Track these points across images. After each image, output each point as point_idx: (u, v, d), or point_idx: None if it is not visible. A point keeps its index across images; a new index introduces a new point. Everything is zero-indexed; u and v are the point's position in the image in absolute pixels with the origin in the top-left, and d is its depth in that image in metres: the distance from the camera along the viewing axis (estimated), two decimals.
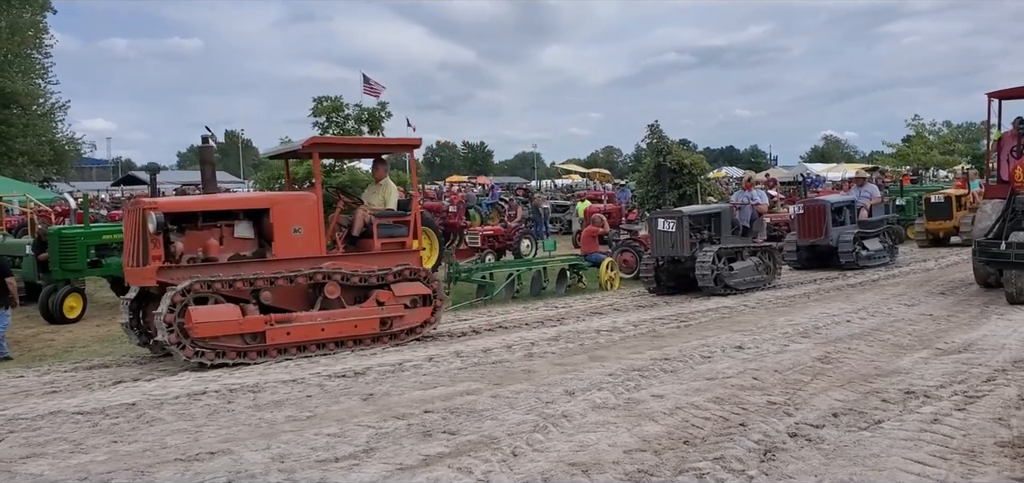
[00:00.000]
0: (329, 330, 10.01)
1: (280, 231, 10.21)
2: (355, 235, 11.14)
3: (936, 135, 50.84)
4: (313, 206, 10.48)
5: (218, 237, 10.18)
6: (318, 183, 10.89)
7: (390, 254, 10.98)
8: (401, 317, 10.58)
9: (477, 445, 6.00)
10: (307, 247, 10.32)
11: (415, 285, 10.80)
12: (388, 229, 11.22)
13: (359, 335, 10.24)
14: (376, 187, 11.93)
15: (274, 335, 9.66)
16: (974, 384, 7.23)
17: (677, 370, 8.28)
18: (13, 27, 36.00)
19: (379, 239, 11.00)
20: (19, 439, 6.73)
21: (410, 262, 10.97)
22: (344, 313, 10.18)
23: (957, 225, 21.42)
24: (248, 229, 10.39)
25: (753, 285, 14.65)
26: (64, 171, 43.10)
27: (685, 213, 14.68)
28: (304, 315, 9.95)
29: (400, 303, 10.54)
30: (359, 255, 10.87)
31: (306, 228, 10.34)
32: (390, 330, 10.50)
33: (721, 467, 5.30)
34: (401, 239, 11.25)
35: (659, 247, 14.72)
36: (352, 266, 10.47)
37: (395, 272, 10.67)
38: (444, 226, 23.99)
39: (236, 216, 10.41)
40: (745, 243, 15.31)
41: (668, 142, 25.39)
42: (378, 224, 11.05)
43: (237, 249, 10.25)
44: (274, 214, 10.26)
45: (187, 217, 10.16)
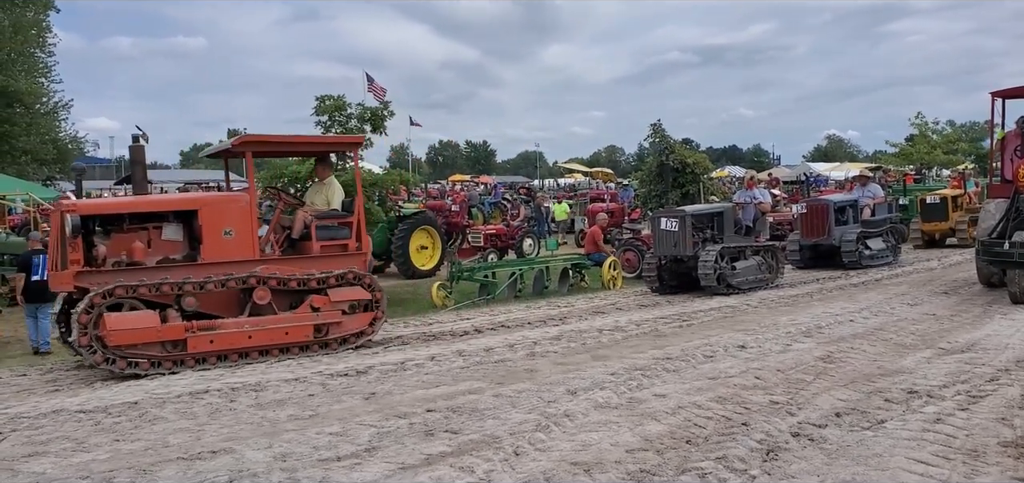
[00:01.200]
0: (257, 337, 9.56)
1: (210, 233, 9.80)
2: (295, 237, 10.66)
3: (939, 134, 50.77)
4: (245, 207, 10.06)
5: (145, 240, 9.80)
6: (251, 183, 10.39)
7: (331, 257, 10.50)
8: (338, 324, 10.11)
9: (479, 444, 6.00)
10: (239, 250, 9.89)
11: (354, 290, 10.31)
12: (329, 231, 10.70)
13: (289, 343, 9.77)
14: (319, 186, 11.52)
15: (196, 343, 9.23)
16: (977, 384, 7.22)
17: (679, 369, 8.28)
18: (16, 25, 35.98)
19: (318, 241, 10.51)
20: (21, 437, 6.74)
21: (353, 265, 10.50)
22: (274, 320, 9.75)
23: (953, 226, 21.34)
24: (177, 232, 10.01)
25: (756, 284, 14.62)
26: (67, 170, 43.09)
27: (688, 212, 14.66)
28: (230, 322, 9.54)
29: (337, 309, 10.09)
30: (298, 258, 10.43)
31: (238, 230, 9.92)
32: (325, 337, 10.02)
33: (723, 467, 5.29)
34: (343, 241, 10.72)
35: (662, 246, 14.69)
36: (288, 270, 10.05)
37: (334, 276, 10.20)
38: (447, 225, 23.99)
39: (165, 218, 10.04)
40: (748, 242, 15.29)
41: (671, 141, 25.37)
42: (318, 226, 10.57)
43: (166, 252, 9.89)
44: (203, 216, 9.86)
45: (112, 219, 9.79)
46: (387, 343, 10.59)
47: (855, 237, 17.19)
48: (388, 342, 10.67)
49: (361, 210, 10.92)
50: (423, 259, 20.02)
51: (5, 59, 35.98)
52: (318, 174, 11.74)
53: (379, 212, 15.35)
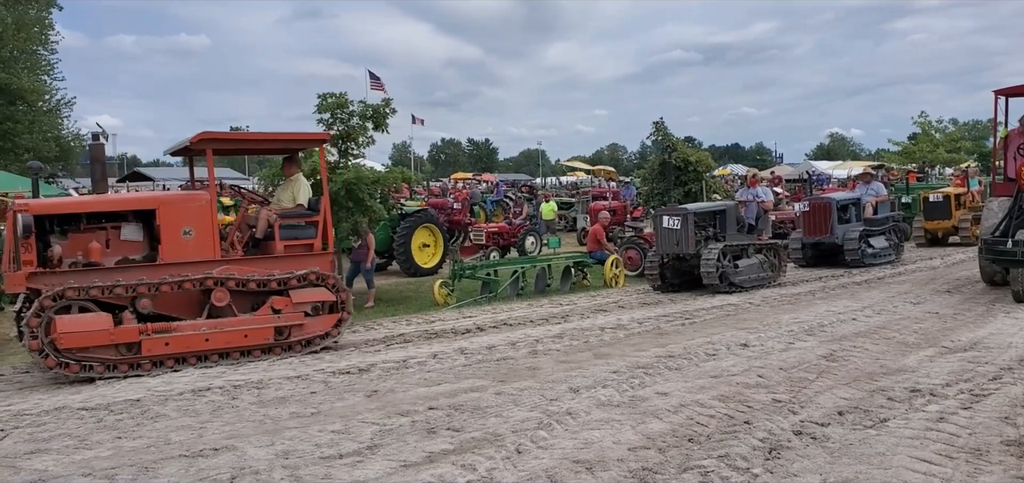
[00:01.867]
0: (214, 340, 9.30)
1: (168, 233, 9.58)
2: (259, 237, 10.45)
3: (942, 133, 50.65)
4: (205, 206, 9.82)
5: (103, 240, 9.59)
6: (212, 181, 10.17)
7: (295, 257, 10.25)
8: (300, 326, 9.86)
9: (481, 442, 5.99)
10: (199, 250, 9.68)
11: (317, 291, 10.03)
12: (293, 230, 10.48)
13: (248, 346, 9.52)
14: (286, 184, 11.32)
15: (151, 346, 8.97)
16: (980, 383, 7.21)
17: (682, 368, 8.27)
18: (19, 23, 36.02)
19: (282, 241, 10.27)
20: (24, 435, 6.74)
21: (318, 266, 10.26)
22: (233, 322, 9.50)
23: (956, 224, 21.27)
24: (137, 231, 9.81)
25: (758, 282, 14.62)
26: (69, 167, 43.14)
27: (690, 210, 14.64)
28: (186, 324, 9.31)
29: (299, 311, 9.84)
30: (261, 259, 10.20)
31: (197, 230, 9.70)
32: (287, 340, 9.78)
33: (726, 465, 5.29)
34: (308, 241, 10.50)
35: (664, 244, 14.66)
36: (249, 271, 9.80)
37: (295, 277, 9.94)
38: (449, 223, 23.99)
39: (124, 217, 9.82)
40: (750, 240, 15.30)
41: (673, 139, 25.34)
42: (281, 225, 10.34)
43: (125, 253, 9.70)
44: (161, 215, 9.62)
45: (68, 219, 9.57)
46: (389, 341, 10.59)
47: (858, 235, 17.18)
48: (390, 340, 10.66)
49: (327, 209, 10.75)
50: (425, 257, 20.01)
51: (8, 56, 36.03)
52: (285, 171, 11.54)
53: (381, 210, 15.31)
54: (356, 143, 15.23)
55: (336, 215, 14.46)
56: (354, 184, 14.26)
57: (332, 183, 14.10)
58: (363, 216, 14.58)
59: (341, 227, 14.64)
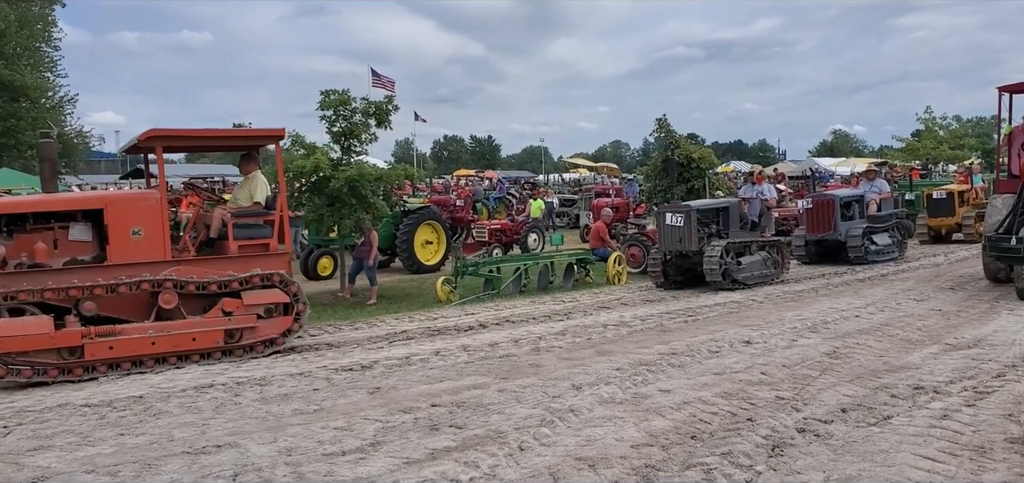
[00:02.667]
0: (161, 344, 9.01)
1: (116, 234, 9.30)
2: (213, 236, 10.20)
3: (946, 129, 50.57)
4: (155, 206, 9.55)
5: (51, 241, 9.31)
6: (162, 179, 9.93)
7: (249, 258, 9.94)
8: (253, 329, 9.60)
9: (484, 439, 5.99)
10: (148, 251, 9.40)
11: (270, 293, 9.74)
12: (248, 230, 10.15)
13: (197, 349, 9.22)
14: (243, 182, 11.04)
15: (94, 349, 8.68)
16: (984, 380, 7.20)
17: (685, 365, 8.26)
18: (22, 20, 36.11)
19: (236, 241, 9.97)
20: (27, 431, 6.75)
21: (274, 266, 9.96)
22: (181, 324, 9.22)
23: (959, 222, 21.18)
24: (86, 232, 9.51)
25: (761, 280, 14.59)
26: (73, 164, 43.23)
27: (693, 207, 14.62)
28: (132, 327, 9.01)
29: (251, 313, 9.58)
30: (214, 259, 9.93)
31: (147, 230, 9.43)
32: (239, 343, 9.51)
33: (729, 462, 5.28)
34: (263, 241, 10.18)
35: (667, 241, 14.62)
36: (202, 272, 9.55)
37: (243, 279, 9.61)
38: (451, 220, 23.98)
39: (73, 217, 9.51)
40: (753, 237, 15.27)
41: (676, 136, 25.30)
42: (235, 224, 10.04)
43: (74, 253, 9.42)
44: (109, 215, 9.34)
45: (14, 219, 9.30)
46: (392, 338, 10.58)
47: (861, 232, 17.16)
48: (393, 337, 10.66)
49: (284, 207, 10.49)
50: (428, 254, 20.01)
51: (11, 53, 36.12)
52: (242, 169, 11.26)
53: (384, 207, 15.31)
54: (359, 140, 15.22)
55: (339, 212, 14.47)
56: (357, 181, 14.25)
57: (335, 180, 14.10)
58: (366, 213, 14.58)
59: (344, 224, 14.65)
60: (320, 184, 14.40)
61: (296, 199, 15.43)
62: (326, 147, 15.01)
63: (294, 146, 15.25)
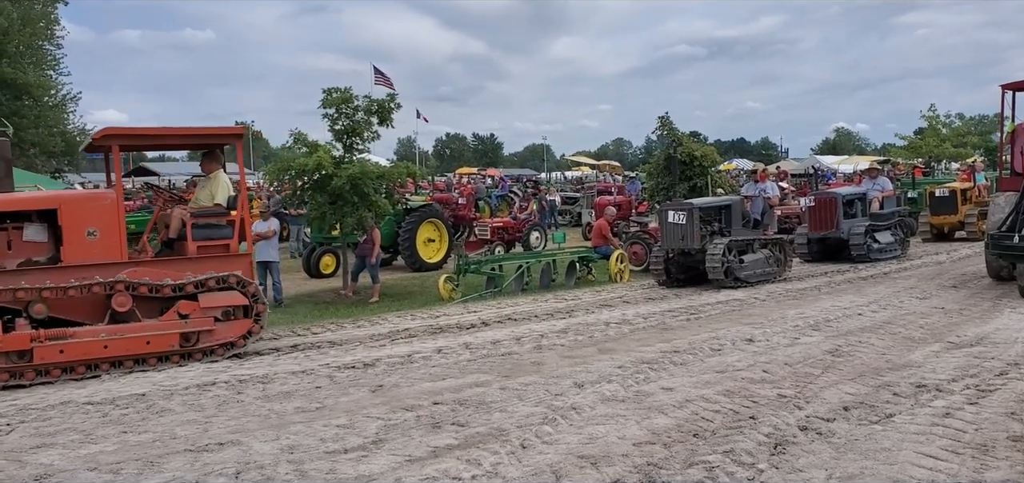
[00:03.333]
0: (114, 347, 8.78)
1: (71, 234, 9.11)
2: (172, 237, 10.02)
3: (949, 127, 50.59)
4: (111, 206, 9.35)
5: (5, 241, 9.11)
6: (119, 178, 9.66)
7: (208, 259, 9.72)
8: (210, 332, 9.36)
9: (486, 437, 6.00)
10: (104, 252, 9.19)
11: (228, 295, 9.50)
12: (207, 230, 9.94)
13: (152, 353, 8.99)
14: (205, 181, 10.79)
15: (44, 353, 8.47)
16: (986, 378, 7.19)
17: (687, 363, 8.26)
18: (24, 18, 36.12)
19: (195, 242, 9.76)
20: (29, 429, 6.76)
21: (234, 268, 9.73)
22: (136, 328, 8.99)
23: (962, 219, 21.14)
24: (41, 232, 9.30)
25: (764, 278, 14.53)
26: (75, 162, 43.28)
27: (695, 205, 14.58)
28: (84, 330, 8.81)
29: (209, 316, 9.34)
30: (173, 260, 9.75)
31: (103, 231, 9.22)
32: (196, 346, 9.26)
33: (731, 460, 5.28)
34: (223, 242, 9.95)
35: (669, 239, 14.57)
36: (157, 274, 9.33)
37: (200, 281, 9.39)
38: (454, 218, 23.99)
39: (28, 218, 9.32)
40: (756, 236, 15.22)
41: (678, 134, 25.29)
42: (193, 225, 9.83)
43: (29, 254, 9.20)
44: (63, 215, 9.14)
45: None
46: (394, 336, 10.59)
47: (863, 230, 17.13)
48: (395, 335, 10.66)
49: (245, 208, 10.28)
50: (430, 252, 20.02)
51: (14, 52, 36.13)
52: (204, 168, 11.00)
53: (386, 205, 15.32)
54: (361, 138, 15.22)
55: (341, 210, 14.48)
56: (359, 179, 14.25)
57: (337, 178, 14.10)
58: (368, 211, 14.58)
59: (346, 222, 14.65)
60: (322, 182, 14.40)
61: (299, 197, 15.45)
62: (328, 145, 15.01)
63: (297, 144, 15.26)
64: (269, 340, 10.59)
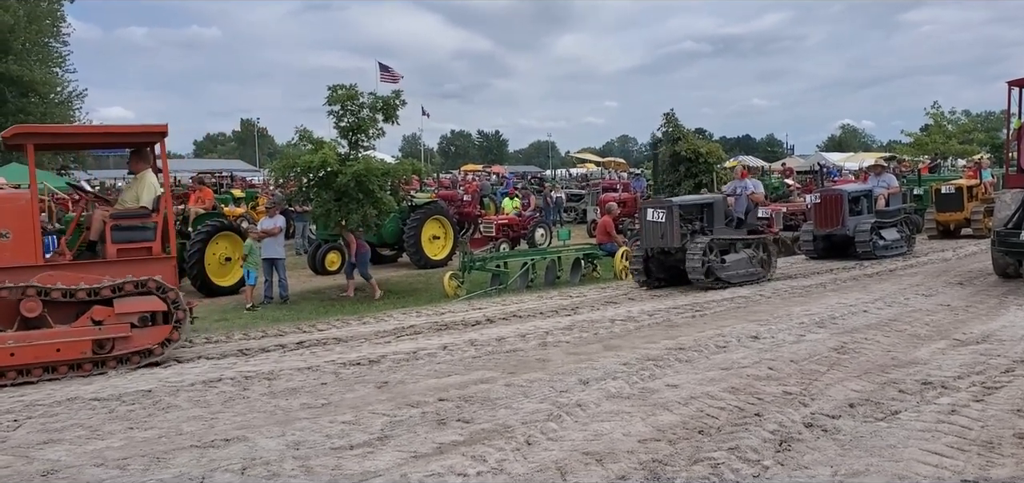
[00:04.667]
0: (21, 354, 8.35)
1: None
2: (93, 239, 9.64)
3: (955, 124, 50.47)
4: (24, 207, 9.00)
5: None
6: (33, 178, 9.30)
7: (129, 262, 9.36)
8: (126, 338, 8.90)
9: (491, 434, 6.00)
10: (16, 255, 8.80)
11: (145, 300, 9.08)
12: (128, 232, 9.53)
13: (62, 360, 8.56)
14: (132, 182, 10.38)
15: None
16: (992, 375, 7.17)
17: (692, 360, 8.26)
18: (31, 15, 36.22)
19: (115, 244, 9.40)
20: (36, 425, 6.78)
21: (156, 271, 9.34)
22: (44, 334, 8.55)
23: (968, 217, 21.05)
24: None
25: (746, 278, 14.09)
26: (81, 159, 43.36)
27: (675, 203, 14.14)
28: None
29: (124, 322, 8.89)
30: (92, 264, 9.38)
31: (16, 233, 8.83)
32: (110, 353, 8.81)
33: (736, 457, 5.28)
34: (145, 244, 9.58)
35: (649, 238, 14.06)
36: (72, 278, 8.94)
37: (116, 285, 8.96)
38: (459, 215, 24.01)
39: None
40: (739, 235, 14.74)
41: (683, 130, 25.28)
42: (114, 227, 9.46)
43: None
44: None
45: None
46: (399, 333, 10.60)
47: (869, 227, 17.08)
48: (400, 332, 10.68)
49: (169, 209, 9.91)
50: (435, 249, 20.04)
51: (20, 49, 36.22)
52: (132, 167, 10.64)
53: (391, 202, 15.34)
54: (366, 135, 15.23)
55: (347, 207, 14.50)
56: (364, 176, 14.27)
57: (342, 175, 14.12)
58: (373, 208, 14.60)
59: (351, 219, 14.66)
60: (327, 179, 14.42)
61: (304, 194, 15.47)
62: (333, 142, 15.03)
63: (302, 141, 15.29)
64: (275, 337, 10.62)
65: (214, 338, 10.79)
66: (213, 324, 12.55)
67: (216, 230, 16.15)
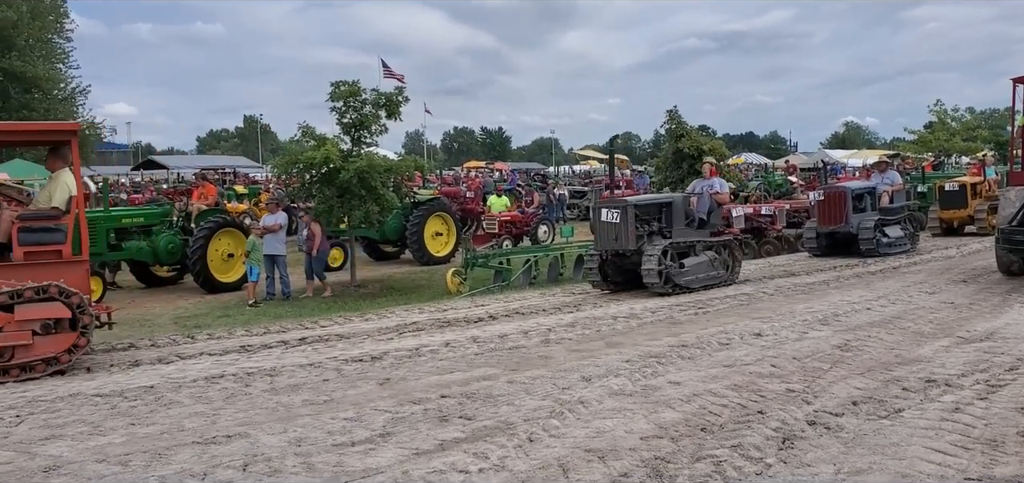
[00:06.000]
0: None
1: None
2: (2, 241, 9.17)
3: (959, 121, 50.32)
4: None
5: None
6: None
7: (37, 265, 8.87)
8: (27, 347, 8.40)
9: (493, 430, 5.99)
10: None
11: (48, 306, 8.55)
12: (36, 234, 9.09)
13: None
14: (49, 181, 9.99)
15: None
16: (996, 373, 7.15)
17: (695, 357, 8.24)
18: (34, 11, 36.27)
19: (22, 247, 8.95)
20: (38, 421, 6.78)
21: (64, 274, 8.85)
22: None
23: (972, 214, 20.96)
24: None
25: (708, 283, 13.32)
26: (85, 155, 43.44)
27: (630, 203, 13.34)
28: None
29: (25, 330, 8.39)
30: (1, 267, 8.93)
31: None
32: (10, 362, 8.33)
33: (739, 455, 5.26)
34: (55, 247, 9.12)
35: (603, 240, 13.26)
36: None
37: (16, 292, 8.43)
38: (461, 212, 24.00)
39: None
40: (700, 237, 13.82)
41: (686, 127, 25.24)
42: (21, 228, 9.01)
43: None
44: None
45: None
46: (401, 329, 10.60)
47: (873, 225, 17.02)
48: (403, 328, 10.67)
49: (81, 209, 9.47)
50: (438, 246, 20.07)
51: (23, 45, 36.27)
52: (48, 166, 10.19)
53: (394, 199, 15.34)
54: (369, 131, 15.24)
55: (349, 204, 14.50)
56: (367, 172, 14.27)
57: (345, 171, 14.12)
58: (375, 204, 14.60)
59: (354, 215, 14.67)
60: (330, 175, 14.43)
61: (306, 190, 15.47)
62: (336, 138, 15.03)
63: (305, 137, 15.30)
64: (277, 333, 10.62)
65: (216, 334, 10.80)
66: (215, 320, 12.57)
67: (219, 226, 16.19)
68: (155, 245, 16.23)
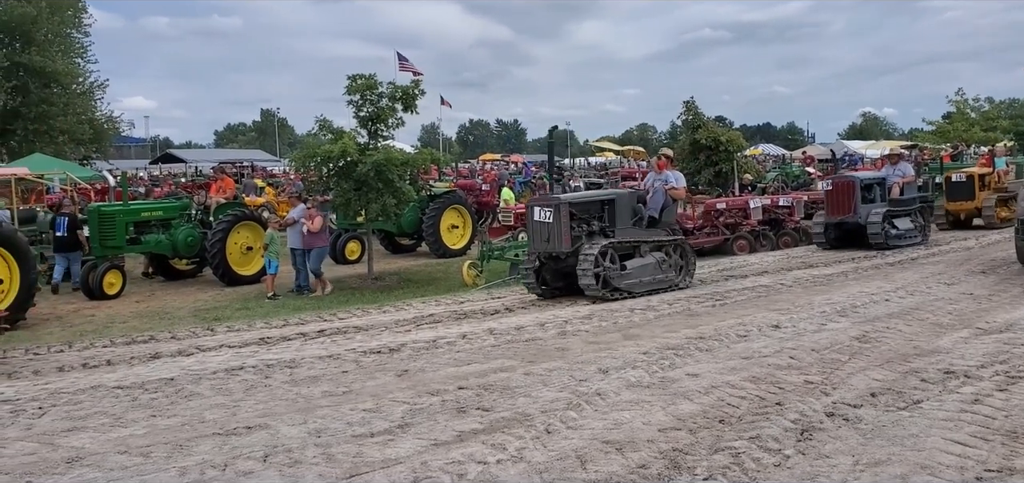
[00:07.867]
0: None
1: None
2: None
3: (978, 111, 49.83)
4: None
5: None
6: None
7: None
8: None
9: (511, 422, 6.01)
10: None
11: None
12: None
13: None
14: None
15: None
16: (1016, 364, 7.10)
17: (713, 349, 8.23)
18: (53, 6, 36.48)
19: None
20: (61, 413, 6.86)
21: None
22: None
23: (979, 206, 20.28)
24: None
25: (654, 287, 12.25)
26: (103, 149, 43.75)
27: (564, 200, 12.34)
28: None
29: None
30: None
31: None
32: None
33: (757, 446, 5.26)
34: None
35: (537, 241, 12.18)
36: None
37: None
38: (477, 204, 24.03)
39: None
40: (647, 237, 12.70)
41: (703, 118, 25.16)
42: None
43: None
44: None
45: None
46: (419, 321, 10.63)
47: (881, 216, 16.75)
48: (420, 320, 10.71)
49: None
50: (454, 238, 20.11)
51: (42, 40, 36.51)
52: None
53: (411, 191, 15.38)
54: (385, 124, 15.27)
55: (366, 196, 14.55)
56: (384, 166, 14.31)
57: (362, 165, 14.17)
58: (392, 197, 14.64)
59: (371, 208, 14.71)
60: (347, 169, 14.47)
61: (324, 184, 15.54)
62: (353, 132, 15.08)
63: (322, 131, 15.36)
64: (296, 325, 10.68)
65: (236, 326, 10.87)
66: (235, 313, 12.65)
67: (237, 219, 16.28)
68: (174, 238, 16.36)
